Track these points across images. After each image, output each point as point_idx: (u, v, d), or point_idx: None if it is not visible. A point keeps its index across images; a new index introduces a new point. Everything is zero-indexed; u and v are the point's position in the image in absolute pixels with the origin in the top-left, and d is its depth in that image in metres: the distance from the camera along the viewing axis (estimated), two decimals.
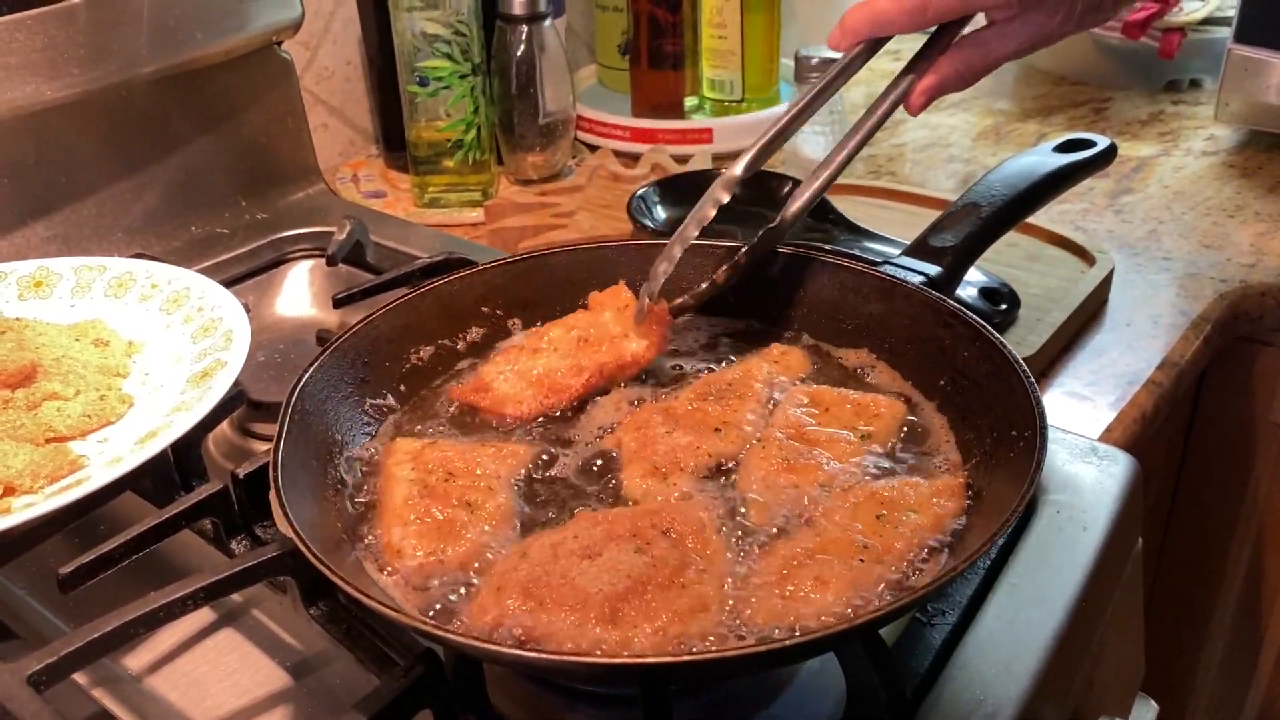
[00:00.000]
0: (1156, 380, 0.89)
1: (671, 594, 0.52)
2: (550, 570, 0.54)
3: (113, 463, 0.66)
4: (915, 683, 0.58)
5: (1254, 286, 1.02)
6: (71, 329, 0.81)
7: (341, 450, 0.66)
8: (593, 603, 0.52)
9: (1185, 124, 1.36)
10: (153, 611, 0.56)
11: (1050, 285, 0.96)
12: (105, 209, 1.03)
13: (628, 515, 0.58)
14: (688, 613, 0.52)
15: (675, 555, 0.55)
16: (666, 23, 1.29)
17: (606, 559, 0.54)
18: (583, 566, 0.53)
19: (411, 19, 1.11)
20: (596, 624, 0.51)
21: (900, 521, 0.58)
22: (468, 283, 0.76)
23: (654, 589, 0.52)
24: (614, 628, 0.51)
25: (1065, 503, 0.69)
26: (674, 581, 0.53)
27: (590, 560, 0.54)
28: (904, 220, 1.09)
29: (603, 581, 0.52)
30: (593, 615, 0.51)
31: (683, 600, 0.52)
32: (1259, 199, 1.17)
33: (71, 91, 0.94)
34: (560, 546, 0.55)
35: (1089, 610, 0.64)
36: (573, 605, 0.52)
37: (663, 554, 0.54)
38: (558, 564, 0.54)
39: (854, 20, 0.70)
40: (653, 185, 1.08)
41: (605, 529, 0.56)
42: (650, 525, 0.56)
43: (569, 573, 0.53)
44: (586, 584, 0.52)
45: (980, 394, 0.64)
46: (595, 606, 0.51)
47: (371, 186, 1.27)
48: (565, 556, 0.54)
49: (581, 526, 0.57)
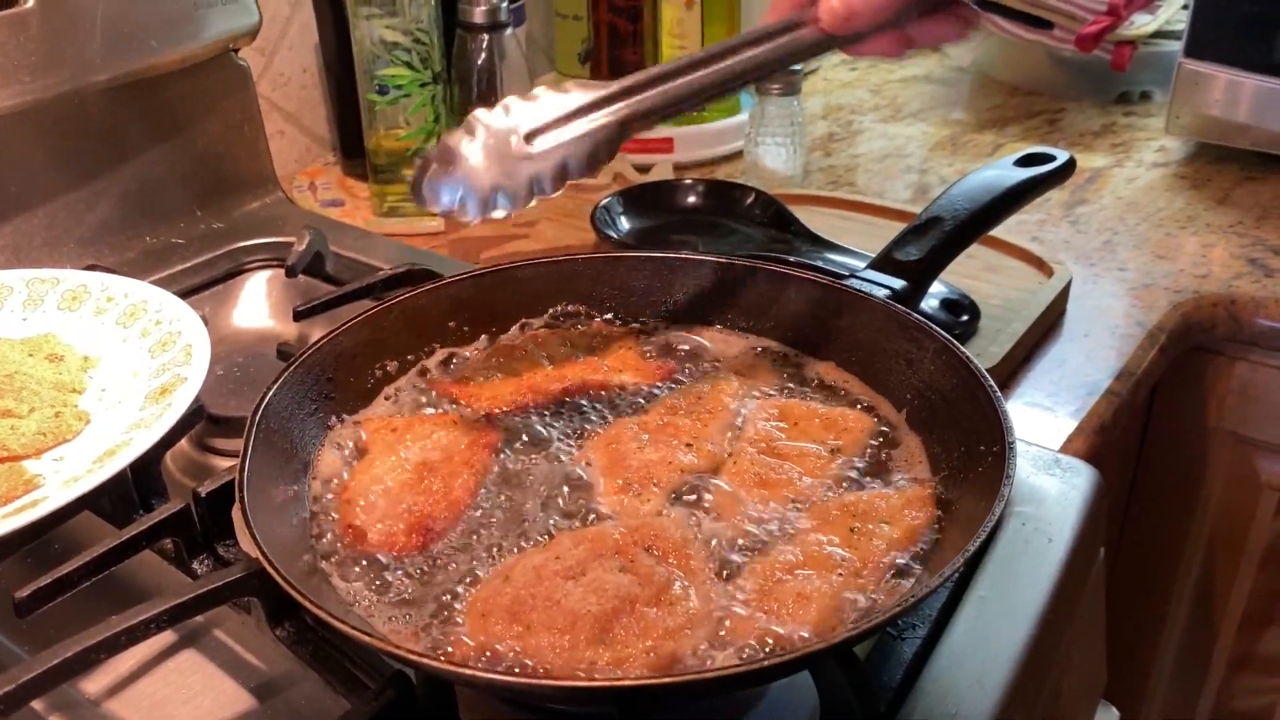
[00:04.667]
0: (1115, 390, 0.90)
1: (660, 611, 0.52)
2: (535, 593, 0.53)
3: (70, 482, 0.65)
4: (888, 697, 0.58)
5: (1206, 297, 1.04)
6: (24, 344, 0.79)
7: (306, 467, 0.65)
8: (581, 623, 0.51)
9: (1137, 135, 1.39)
10: (114, 636, 0.55)
11: (1010, 296, 0.98)
12: (57, 219, 1.01)
13: (609, 534, 0.58)
14: (677, 630, 0.52)
15: (659, 573, 0.54)
16: (626, 32, 1.29)
17: (591, 579, 0.54)
18: (567, 588, 0.53)
19: (371, 26, 1.10)
20: (586, 645, 0.51)
21: (874, 534, 0.58)
22: (434, 296, 0.75)
23: (641, 607, 0.52)
24: (604, 648, 0.51)
25: (1031, 515, 0.70)
26: (660, 599, 0.53)
27: (574, 581, 0.53)
28: (864, 231, 1.09)
29: (590, 602, 0.52)
30: (582, 636, 0.51)
31: (671, 618, 0.52)
32: (1209, 210, 1.19)
33: (22, 99, 0.92)
34: (543, 569, 0.55)
35: (1056, 621, 0.65)
36: (561, 627, 0.51)
37: (646, 572, 0.54)
38: (542, 586, 0.54)
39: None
40: (615, 195, 1.09)
41: (588, 549, 0.56)
42: (632, 543, 0.56)
43: (554, 594, 0.53)
44: (573, 605, 0.52)
45: (947, 407, 0.65)
46: (584, 627, 0.51)
47: (329, 195, 1.26)
48: (549, 578, 0.54)
49: (563, 547, 0.56)
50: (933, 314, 0.89)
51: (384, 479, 0.63)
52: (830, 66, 1.66)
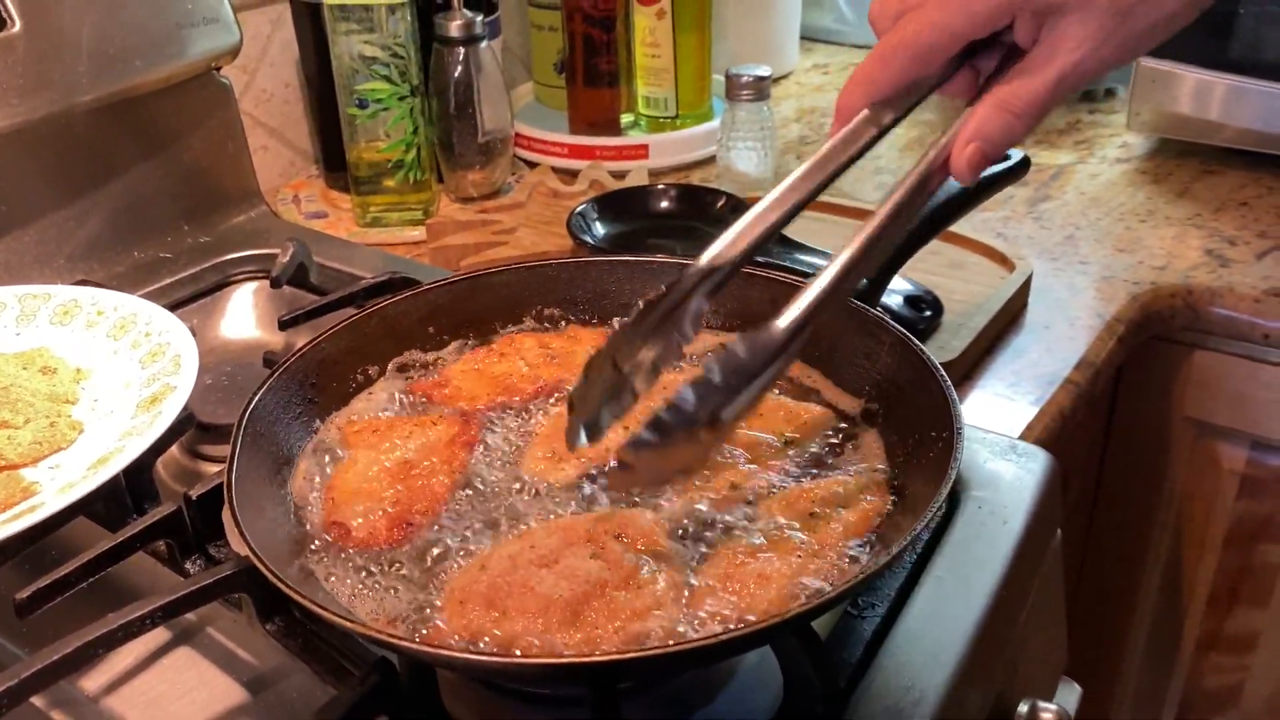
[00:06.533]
0: (1074, 380, 0.94)
1: (629, 594, 0.56)
2: (510, 580, 0.56)
3: (65, 488, 0.68)
4: (848, 673, 0.61)
5: (1164, 288, 1.07)
6: (18, 357, 0.82)
7: (292, 468, 0.68)
8: (554, 608, 0.54)
9: (1100, 132, 1.42)
10: (111, 632, 0.58)
11: (973, 291, 1.01)
12: (47, 236, 1.04)
13: (582, 523, 0.61)
14: (645, 610, 0.55)
15: (628, 558, 0.58)
16: (601, 42, 1.33)
17: (563, 566, 0.57)
18: (541, 575, 0.56)
19: (349, 42, 1.13)
20: (560, 628, 0.54)
21: (831, 518, 0.61)
22: (413, 303, 0.78)
23: (611, 590, 0.55)
24: (576, 630, 0.54)
25: (986, 498, 0.73)
26: (629, 582, 0.56)
27: (548, 568, 0.57)
28: (832, 231, 1.12)
29: (562, 587, 0.55)
30: (555, 620, 0.54)
31: (639, 599, 0.55)
32: (1168, 204, 1.23)
33: (12, 121, 0.95)
34: (518, 557, 0.58)
35: (1010, 599, 0.68)
36: (535, 611, 0.55)
37: (616, 558, 0.57)
38: (516, 574, 0.57)
39: (842, 97, 0.60)
40: (591, 202, 1.11)
41: (560, 538, 0.59)
42: (603, 531, 0.59)
43: (528, 581, 0.56)
44: (547, 590, 0.55)
45: (904, 398, 0.68)
46: (557, 611, 0.54)
47: (313, 207, 1.28)
48: (524, 566, 0.57)
49: (537, 536, 0.60)
50: (897, 310, 0.93)
51: (366, 478, 0.66)
52: (803, 70, 1.69)
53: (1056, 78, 0.55)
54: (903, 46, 0.57)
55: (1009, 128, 0.56)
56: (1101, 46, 0.55)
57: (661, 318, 0.57)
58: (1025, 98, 0.56)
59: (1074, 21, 0.54)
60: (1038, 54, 0.56)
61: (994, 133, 0.56)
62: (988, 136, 0.56)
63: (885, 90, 0.58)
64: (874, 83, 0.58)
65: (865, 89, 0.59)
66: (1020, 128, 0.56)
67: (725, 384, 0.53)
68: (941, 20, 0.56)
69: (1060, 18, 0.54)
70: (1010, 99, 0.56)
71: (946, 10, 0.56)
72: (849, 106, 0.59)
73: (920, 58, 0.57)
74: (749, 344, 0.54)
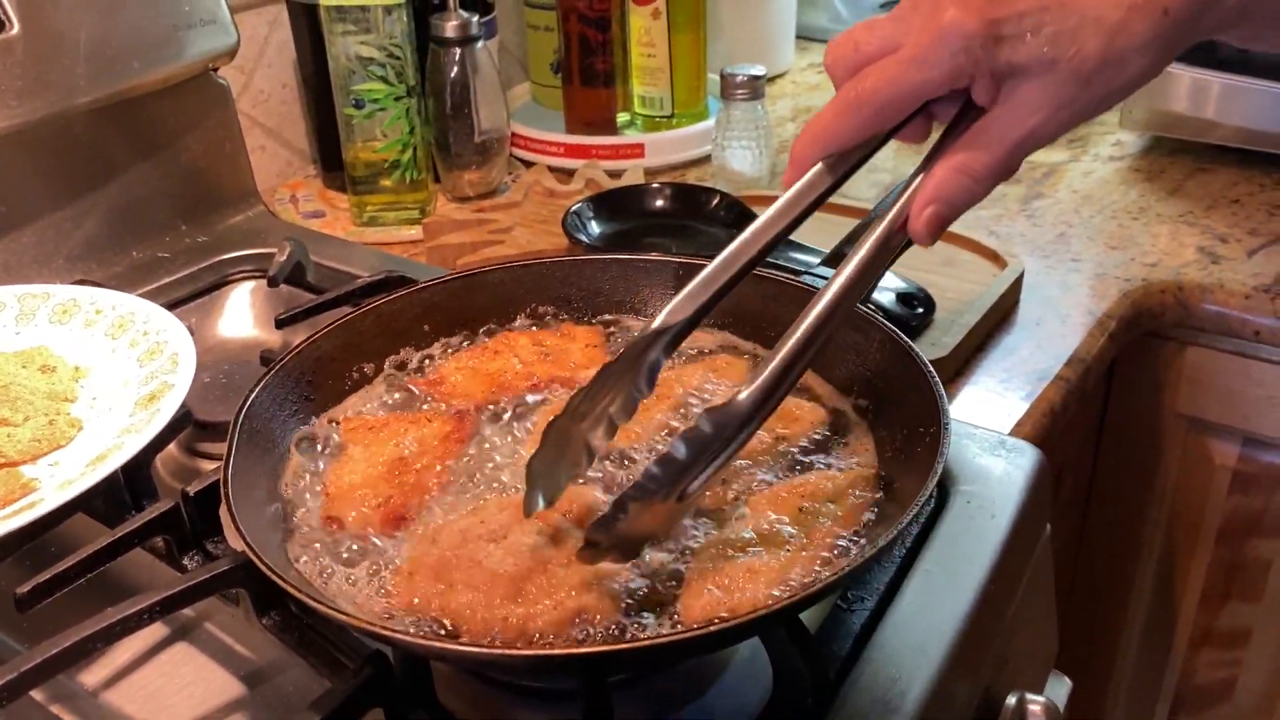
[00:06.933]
0: (1064, 376, 0.94)
1: (570, 571, 0.57)
2: (459, 554, 0.58)
3: (64, 485, 0.68)
4: (837, 665, 0.62)
5: (1155, 285, 1.08)
6: (17, 356, 0.83)
7: (288, 464, 0.69)
8: (498, 582, 0.56)
9: (1094, 130, 1.43)
10: (110, 626, 0.58)
11: (965, 289, 1.02)
12: (46, 236, 1.04)
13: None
14: (581, 586, 0.56)
15: (574, 535, 0.59)
16: (596, 42, 1.33)
17: (511, 541, 0.58)
18: (489, 549, 0.58)
19: (345, 43, 1.14)
20: (502, 602, 0.55)
21: (821, 513, 0.62)
22: (407, 301, 0.79)
23: (553, 567, 0.57)
24: (517, 604, 0.55)
25: (975, 493, 0.74)
26: (572, 560, 0.57)
27: (496, 543, 0.58)
28: (826, 229, 1.12)
29: (507, 563, 0.57)
30: (498, 595, 0.56)
31: (578, 574, 0.57)
32: (1160, 202, 1.23)
33: (10, 123, 0.96)
34: (468, 532, 0.59)
35: (998, 593, 0.69)
36: (479, 585, 0.56)
37: (562, 535, 0.59)
38: (466, 548, 0.58)
39: (798, 147, 0.59)
40: (586, 201, 1.12)
41: (511, 514, 0.60)
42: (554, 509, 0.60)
43: (476, 555, 0.58)
44: (493, 565, 0.57)
45: (892, 393, 0.69)
46: (501, 586, 0.56)
47: (310, 207, 1.29)
48: (473, 541, 0.59)
49: (489, 512, 0.61)
50: (889, 307, 0.93)
51: (361, 473, 0.66)
52: (798, 70, 1.70)
53: (1016, 142, 0.55)
54: (861, 103, 0.56)
55: (969, 191, 0.56)
56: (1060, 110, 0.54)
57: (617, 378, 0.59)
58: (985, 161, 0.55)
59: (1034, 87, 0.54)
60: (998, 116, 0.55)
61: (953, 196, 0.56)
62: (946, 199, 0.56)
63: (843, 144, 0.58)
64: (831, 136, 0.58)
65: (823, 142, 0.58)
66: (980, 192, 0.56)
67: (692, 460, 0.55)
68: (901, 77, 0.55)
69: (1020, 82, 0.54)
70: (970, 163, 0.55)
71: (905, 68, 0.55)
72: (805, 158, 0.59)
73: (878, 114, 0.56)
74: (714, 419, 0.54)
